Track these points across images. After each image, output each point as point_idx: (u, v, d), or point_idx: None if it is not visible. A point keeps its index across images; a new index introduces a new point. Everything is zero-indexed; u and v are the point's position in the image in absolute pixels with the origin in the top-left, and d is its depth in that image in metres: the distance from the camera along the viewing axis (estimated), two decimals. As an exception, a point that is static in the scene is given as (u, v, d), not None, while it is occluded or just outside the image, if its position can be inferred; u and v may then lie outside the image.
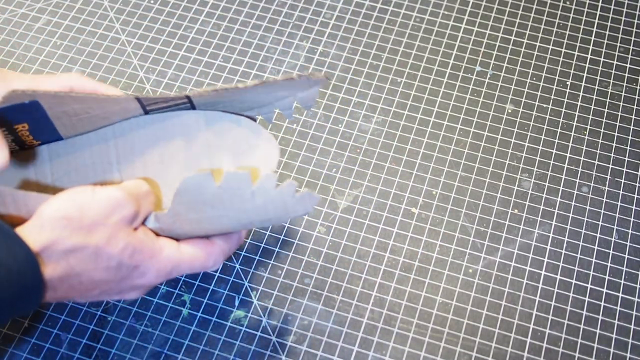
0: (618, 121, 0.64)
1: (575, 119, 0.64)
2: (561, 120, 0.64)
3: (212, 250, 0.46)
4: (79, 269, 0.42)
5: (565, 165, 0.62)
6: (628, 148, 0.63)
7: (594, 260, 0.57)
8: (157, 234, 0.45)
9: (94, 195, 0.42)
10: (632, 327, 0.54)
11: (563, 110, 0.65)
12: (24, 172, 0.49)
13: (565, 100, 0.65)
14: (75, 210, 0.41)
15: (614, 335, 0.54)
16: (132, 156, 0.49)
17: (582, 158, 0.62)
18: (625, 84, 0.66)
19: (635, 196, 0.60)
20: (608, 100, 0.65)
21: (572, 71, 0.67)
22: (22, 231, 0.41)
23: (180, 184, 0.42)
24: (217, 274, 0.56)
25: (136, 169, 0.49)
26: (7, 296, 0.39)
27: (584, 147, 0.63)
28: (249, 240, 0.57)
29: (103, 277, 0.43)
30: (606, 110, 0.65)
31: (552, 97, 0.66)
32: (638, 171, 0.62)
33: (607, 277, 0.56)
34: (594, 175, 0.61)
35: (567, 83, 0.66)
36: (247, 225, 0.45)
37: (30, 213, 0.42)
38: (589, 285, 0.56)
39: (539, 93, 0.66)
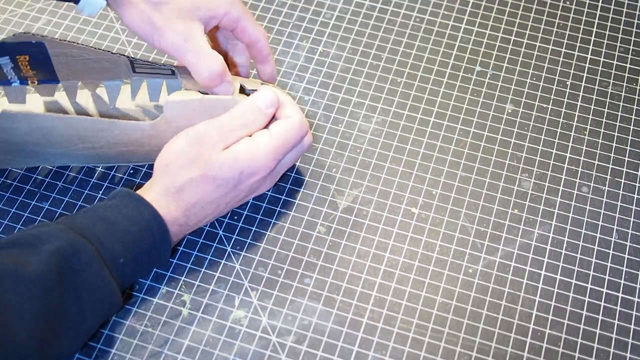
0: (618, 121, 0.64)
1: (575, 119, 0.64)
2: (561, 120, 0.64)
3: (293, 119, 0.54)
4: (194, 199, 0.51)
5: (565, 165, 0.62)
6: (628, 148, 0.63)
7: (594, 260, 0.57)
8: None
9: (180, 140, 0.51)
10: (632, 327, 0.54)
11: (563, 110, 0.65)
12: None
13: (565, 100, 0.65)
14: (168, 158, 0.51)
15: (614, 335, 0.54)
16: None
17: (582, 158, 0.62)
18: (625, 84, 0.66)
19: (635, 196, 0.60)
20: (608, 100, 0.65)
21: (572, 71, 0.67)
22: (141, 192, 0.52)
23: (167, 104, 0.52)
24: (217, 274, 0.56)
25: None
26: (143, 248, 0.50)
27: (584, 147, 0.63)
28: (248, 240, 0.57)
29: (220, 194, 0.52)
30: (606, 110, 0.65)
31: (552, 97, 0.66)
32: (638, 171, 0.61)
33: (607, 277, 0.56)
34: (594, 175, 0.61)
35: (567, 83, 0.66)
36: None
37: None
38: (589, 285, 0.56)
39: (539, 93, 0.66)
